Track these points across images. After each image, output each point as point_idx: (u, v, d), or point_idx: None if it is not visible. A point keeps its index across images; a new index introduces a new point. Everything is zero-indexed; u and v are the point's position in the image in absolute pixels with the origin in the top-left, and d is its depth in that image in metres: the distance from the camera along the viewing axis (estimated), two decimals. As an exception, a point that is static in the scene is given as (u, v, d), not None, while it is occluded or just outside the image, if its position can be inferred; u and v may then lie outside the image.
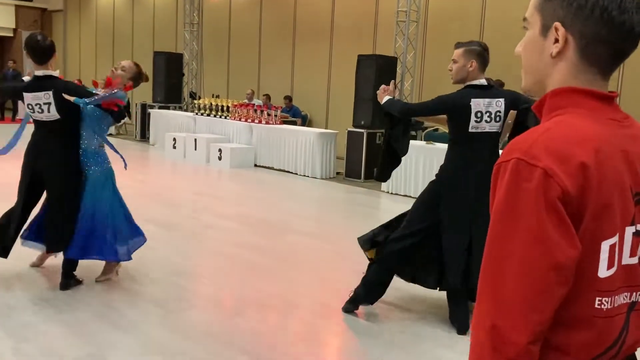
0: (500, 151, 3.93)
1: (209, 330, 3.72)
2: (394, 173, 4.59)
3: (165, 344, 3.50)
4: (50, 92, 4.11)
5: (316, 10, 13.48)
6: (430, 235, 3.89)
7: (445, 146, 4.18)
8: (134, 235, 4.51)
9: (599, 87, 1.10)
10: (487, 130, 3.75)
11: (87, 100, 4.13)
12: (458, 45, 3.82)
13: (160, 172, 10.67)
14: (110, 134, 15.24)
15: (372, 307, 4.14)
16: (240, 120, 11.71)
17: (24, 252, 4.78)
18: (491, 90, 3.80)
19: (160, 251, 5.37)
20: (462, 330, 3.80)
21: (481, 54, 3.76)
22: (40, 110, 4.16)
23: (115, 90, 4.23)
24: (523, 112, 3.76)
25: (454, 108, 3.79)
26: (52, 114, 4.16)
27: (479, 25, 10.98)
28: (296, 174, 10.42)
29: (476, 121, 3.72)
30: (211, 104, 12.51)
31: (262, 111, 11.54)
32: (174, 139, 12.02)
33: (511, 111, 3.84)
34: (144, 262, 5.00)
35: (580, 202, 1.00)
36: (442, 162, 3.92)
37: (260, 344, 3.59)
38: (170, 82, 14.42)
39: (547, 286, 1.00)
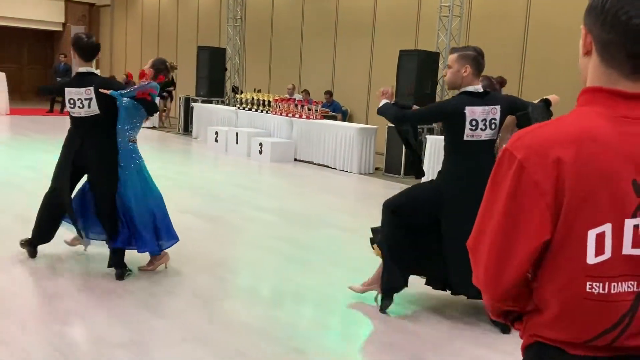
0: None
1: (246, 321, 3.78)
2: (431, 169, 4.57)
3: (205, 334, 3.57)
4: (92, 88, 4.27)
5: (358, 5, 13.45)
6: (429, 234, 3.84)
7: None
8: (168, 233, 4.55)
9: (624, 86, 1.18)
10: (482, 138, 3.68)
11: (122, 92, 4.30)
12: (453, 50, 3.78)
13: (202, 165, 10.84)
14: (154, 127, 15.58)
15: (406, 304, 4.14)
16: (281, 114, 11.80)
17: (59, 238, 4.95)
18: (487, 96, 3.72)
19: (201, 243, 5.47)
20: (505, 329, 3.72)
21: (475, 59, 3.67)
22: (81, 106, 4.29)
23: (149, 81, 4.39)
24: (522, 119, 3.70)
25: (448, 116, 3.74)
26: (93, 109, 4.30)
27: (524, 21, 10.79)
28: (335, 168, 10.45)
29: (471, 129, 3.65)
30: (253, 98, 12.63)
31: (302, 106, 11.59)
32: (216, 133, 12.19)
33: (509, 117, 3.77)
34: (185, 253, 5.10)
35: (556, 194, 1.13)
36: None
37: (296, 335, 3.63)
38: (213, 76, 14.61)
39: (503, 265, 1.18)
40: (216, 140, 12.17)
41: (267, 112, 12.18)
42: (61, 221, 4.58)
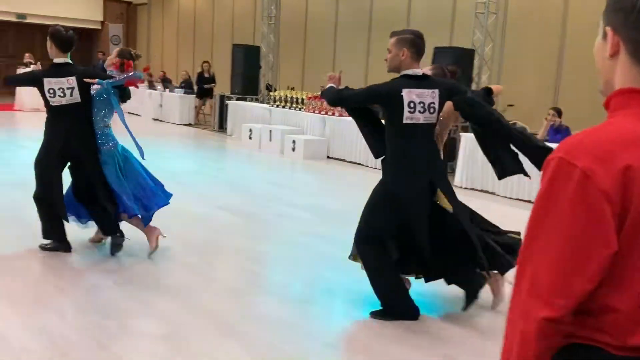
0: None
1: (280, 316, 3.82)
2: (467, 168, 4.52)
3: (238, 328, 3.62)
4: (74, 78, 4.52)
5: (392, 2, 13.39)
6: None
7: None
8: (150, 201, 4.81)
9: None
10: (422, 121, 3.65)
11: (110, 81, 4.55)
12: (392, 34, 3.76)
13: (236, 162, 10.94)
14: (189, 124, 15.78)
15: (440, 304, 4.13)
16: (314, 112, 11.83)
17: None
18: (426, 80, 3.71)
19: (235, 238, 5.54)
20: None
21: (413, 43, 3.66)
22: (62, 95, 4.51)
23: (134, 72, 4.71)
24: (459, 102, 3.68)
25: (385, 98, 3.70)
26: (74, 97, 4.54)
27: (561, 17, 10.60)
28: (367, 166, 10.43)
29: (410, 112, 3.62)
30: (286, 95, 12.69)
31: (336, 103, 11.59)
32: (250, 130, 12.29)
33: (447, 102, 3.73)
34: (219, 248, 5.18)
35: (623, 203, 1.08)
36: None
37: (329, 331, 3.65)
38: (248, 74, 14.72)
39: (573, 278, 1.11)
40: (250, 138, 12.26)
41: (300, 109, 12.23)
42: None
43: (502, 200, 7.99)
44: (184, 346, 3.34)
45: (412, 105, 3.60)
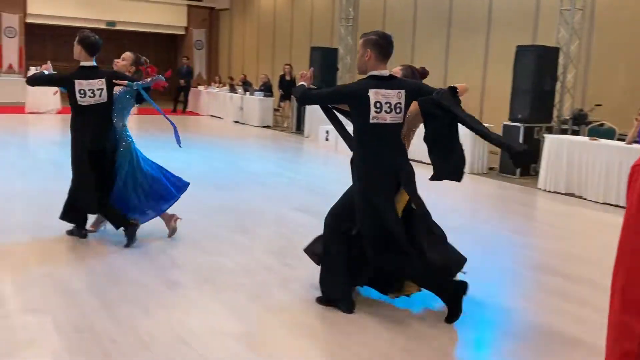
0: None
1: (359, 319, 3.81)
2: (552, 170, 4.36)
3: (316, 330, 3.65)
4: (104, 79, 4.94)
5: (473, 2, 13.11)
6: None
7: (609, 142, 3.87)
8: (162, 198, 5.23)
9: None
10: (388, 121, 3.67)
11: (140, 83, 5.01)
12: (361, 36, 3.82)
13: (312, 164, 11.04)
14: (268, 126, 16.06)
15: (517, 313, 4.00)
16: (392, 113, 11.75)
17: (181, 232, 5.24)
18: (392, 81, 3.74)
19: (311, 239, 5.58)
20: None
21: (377, 44, 3.71)
22: (92, 95, 4.91)
23: (158, 76, 5.16)
24: (425, 103, 3.69)
25: (352, 98, 3.74)
26: (102, 98, 4.95)
27: (656, 11, 10.03)
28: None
29: (376, 111, 3.64)
30: (364, 97, 12.67)
31: (414, 104, 11.48)
32: (327, 132, 12.36)
33: (413, 102, 3.75)
34: (296, 248, 5.23)
35: None
36: (608, 159, 3.62)
37: (408, 335, 3.61)
38: (326, 76, 14.81)
39: None
40: (327, 139, 12.34)
41: (378, 111, 12.18)
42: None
43: (589, 205, 7.65)
44: (261, 345, 3.40)
45: (378, 105, 3.65)
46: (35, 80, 5.12)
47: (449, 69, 13.77)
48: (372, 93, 3.65)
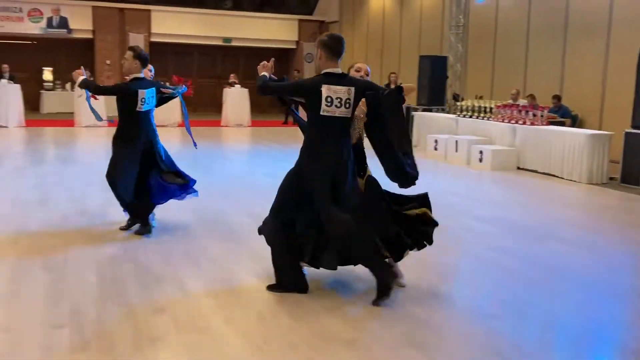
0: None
1: (462, 330, 3.78)
2: None
3: (424, 340, 3.65)
4: (154, 88, 5.74)
5: (591, 3, 12.50)
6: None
7: None
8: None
9: None
10: (337, 115, 4.01)
11: (179, 90, 6.01)
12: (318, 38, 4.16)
13: (421, 173, 10.92)
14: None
15: None
16: (503, 121, 11.45)
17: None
18: (344, 78, 4.07)
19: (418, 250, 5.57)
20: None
21: (326, 44, 4.06)
22: (148, 102, 5.67)
23: (183, 87, 6.08)
24: (371, 97, 4.09)
25: (306, 92, 4.09)
26: (151, 105, 5.75)
27: None
28: (562, 178, 9.84)
29: (327, 105, 3.98)
30: (474, 105, 12.44)
31: (527, 111, 11.12)
32: (436, 141, 12.24)
33: (362, 99, 4.09)
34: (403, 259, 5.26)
35: None
36: None
37: (519, 352, 3.53)
38: (434, 84, 14.69)
39: None
40: (435, 149, 12.21)
41: (488, 118, 11.92)
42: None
43: None
44: (368, 353, 3.45)
45: (329, 99, 3.99)
46: (103, 90, 6.07)
47: (565, 75, 13.20)
48: (324, 88, 3.99)
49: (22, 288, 4.28)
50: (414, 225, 4.55)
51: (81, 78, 5.62)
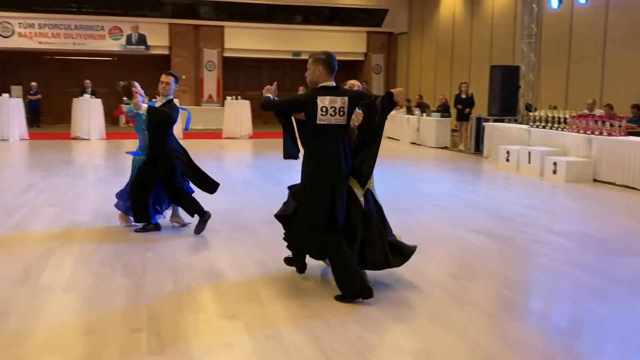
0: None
1: (536, 346, 3.71)
2: None
3: (492, 353, 3.61)
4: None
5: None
6: None
7: None
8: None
9: None
10: (332, 123, 4.43)
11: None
12: (310, 56, 4.61)
13: (492, 185, 10.77)
14: (445, 147, 15.94)
15: None
16: (578, 131, 11.11)
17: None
18: (337, 90, 4.52)
19: (489, 262, 5.50)
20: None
21: (326, 62, 4.52)
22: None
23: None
24: (365, 106, 4.47)
25: (304, 105, 4.50)
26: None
27: None
28: (643, 191, 9.44)
29: (322, 115, 4.41)
30: (547, 115, 12.13)
31: (604, 122, 10.74)
32: (508, 152, 12.00)
33: (360, 112, 4.50)
34: (472, 270, 5.21)
35: None
36: None
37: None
38: (506, 95, 14.42)
39: None
40: (507, 160, 11.98)
41: (562, 129, 11.59)
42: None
43: None
44: (436, 364, 3.45)
45: (324, 109, 4.42)
46: (168, 117, 6.40)
47: (645, 83, 12.68)
48: (319, 100, 4.43)
49: (103, 293, 4.52)
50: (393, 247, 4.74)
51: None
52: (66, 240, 6.00)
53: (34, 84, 20.31)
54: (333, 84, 4.53)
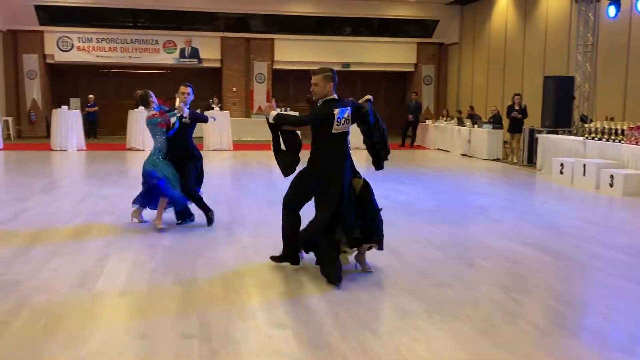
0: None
1: (589, 362, 3.61)
2: None
3: (543, 367, 3.53)
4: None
5: None
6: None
7: None
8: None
9: None
10: (340, 130, 5.16)
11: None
12: (317, 72, 5.20)
13: (545, 198, 10.53)
14: (497, 159, 15.67)
15: None
16: (637, 144, 10.76)
17: (413, 261, 5.38)
18: (342, 101, 5.23)
19: (541, 276, 5.39)
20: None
21: (334, 78, 5.21)
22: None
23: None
24: (362, 114, 5.33)
25: (325, 117, 5.13)
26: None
27: None
28: None
29: (337, 124, 5.11)
30: (604, 127, 11.80)
31: (664, 134, 10.38)
32: (562, 164, 11.73)
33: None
34: (524, 284, 5.11)
35: None
36: None
37: None
38: (560, 106, 14.11)
39: None
40: (561, 172, 11.70)
41: (620, 141, 11.24)
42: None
43: None
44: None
45: (338, 120, 5.11)
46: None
47: None
48: (336, 112, 5.10)
49: (156, 299, 4.63)
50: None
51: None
52: (121, 248, 6.18)
53: (91, 96, 21.02)
54: (336, 96, 5.22)
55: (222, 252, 6.05)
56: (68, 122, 17.09)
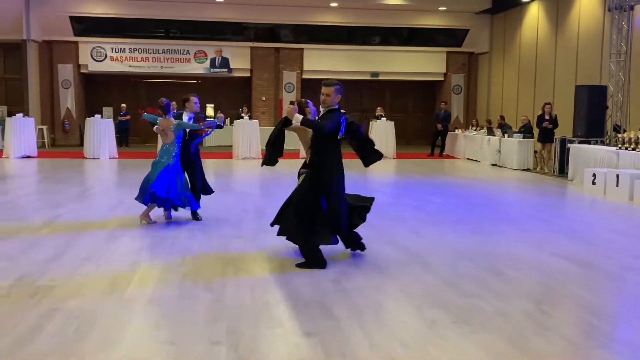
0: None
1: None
2: None
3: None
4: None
5: None
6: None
7: None
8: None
9: None
10: (341, 137, 5.90)
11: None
12: (327, 84, 5.80)
13: (577, 208, 10.37)
14: (527, 169, 15.49)
15: None
16: (672, 154, 10.53)
17: (441, 272, 5.34)
18: (340, 111, 5.82)
19: (572, 287, 5.31)
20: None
21: (341, 90, 5.86)
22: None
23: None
24: (354, 124, 6.10)
25: (339, 124, 5.76)
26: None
27: None
28: None
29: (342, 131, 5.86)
30: (637, 137, 11.59)
31: (700, 144, 10.15)
32: (594, 175, 11.54)
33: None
34: (554, 295, 5.03)
35: None
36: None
37: None
38: (592, 115, 13.90)
39: None
40: (594, 183, 11.51)
41: (654, 151, 11.02)
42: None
43: None
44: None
45: (343, 127, 5.86)
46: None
47: None
48: (343, 119, 5.83)
49: (186, 306, 4.69)
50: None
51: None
52: (152, 254, 6.27)
53: (123, 105, 21.40)
54: (337, 106, 5.87)
55: (251, 260, 6.10)
56: (101, 130, 17.42)
